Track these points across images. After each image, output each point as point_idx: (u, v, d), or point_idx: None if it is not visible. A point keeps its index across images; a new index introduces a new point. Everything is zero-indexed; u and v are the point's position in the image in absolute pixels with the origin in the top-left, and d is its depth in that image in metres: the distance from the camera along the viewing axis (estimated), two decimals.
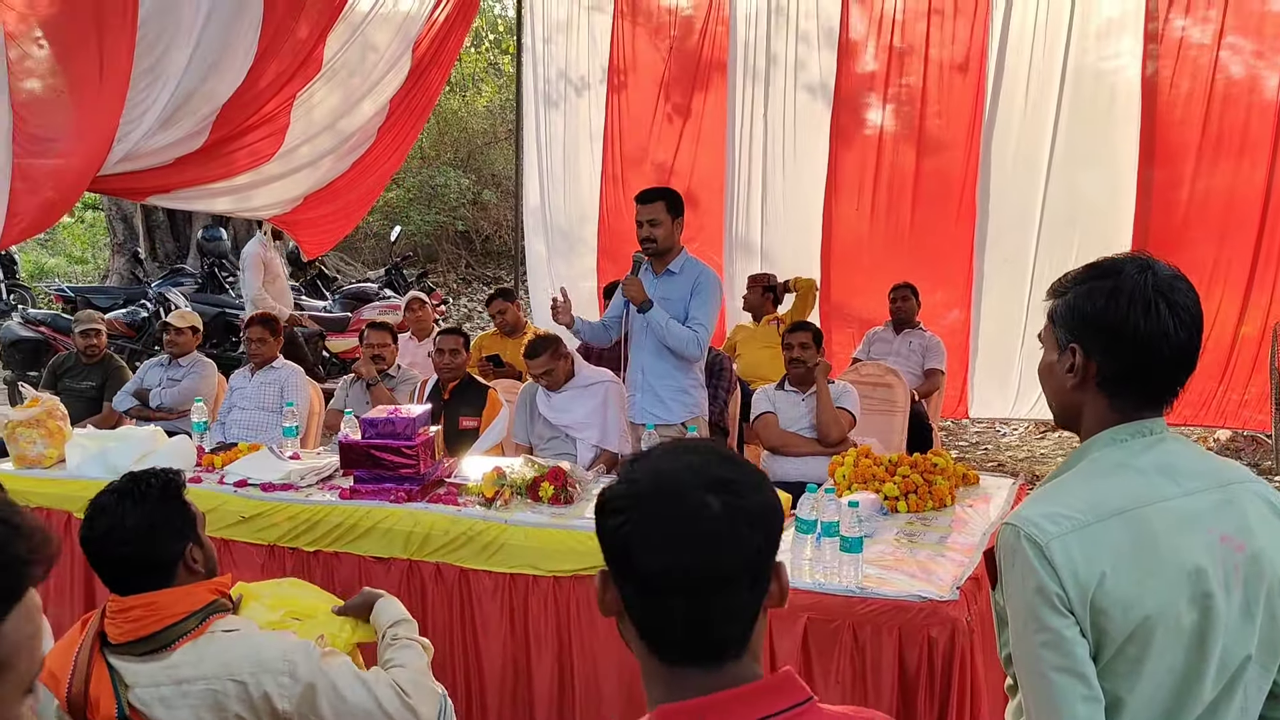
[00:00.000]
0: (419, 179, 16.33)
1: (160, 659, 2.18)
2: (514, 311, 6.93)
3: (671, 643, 1.19)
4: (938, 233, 7.69)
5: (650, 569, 1.16)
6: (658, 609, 1.17)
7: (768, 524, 1.19)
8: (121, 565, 2.22)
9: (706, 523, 1.15)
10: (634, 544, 1.16)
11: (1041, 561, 1.54)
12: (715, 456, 1.22)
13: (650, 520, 1.17)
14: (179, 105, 5.23)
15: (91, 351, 6.45)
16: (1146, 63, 7.00)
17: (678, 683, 1.18)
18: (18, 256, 13.74)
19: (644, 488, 1.20)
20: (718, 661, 1.18)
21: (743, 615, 1.18)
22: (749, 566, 1.17)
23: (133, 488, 2.27)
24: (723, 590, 1.16)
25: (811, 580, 3.05)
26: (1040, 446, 8.04)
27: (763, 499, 1.20)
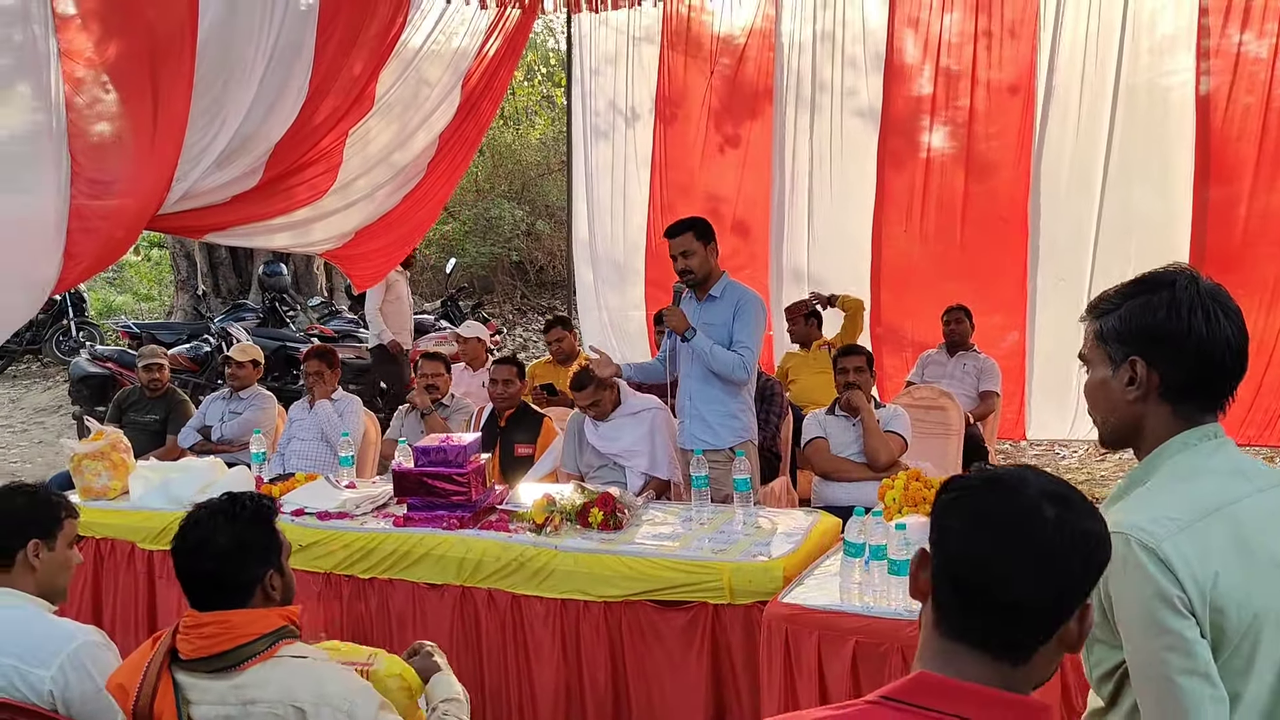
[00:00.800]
0: (474, 211, 16.52)
1: (229, 678, 2.24)
2: (570, 340, 6.99)
3: (954, 611, 1.24)
4: (990, 254, 7.63)
5: (962, 541, 1.23)
6: (958, 579, 1.23)
7: (1089, 552, 1.23)
8: (204, 580, 2.30)
9: (1036, 523, 1.21)
10: (956, 515, 1.25)
11: (1157, 565, 1.53)
12: (1052, 477, 1.28)
13: (979, 500, 1.24)
14: (236, 146, 5.36)
15: (155, 385, 6.60)
16: (1201, 79, 6.91)
17: (948, 657, 1.24)
18: (87, 295, 14.10)
19: (986, 477, 1.27)
20: (995, 654, 1.22)
21: (1026, 625, 1.22)
22: (1054, 583, 1.21)
23: (228, 507, 2.36)
24: (1021, 589, 1.20)
25: (860, 603, 3.04)
26: (1100, 469, 7.92)
27: (1095, 527, 1.24)
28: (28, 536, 2.61)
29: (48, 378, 12.93)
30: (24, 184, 4.69)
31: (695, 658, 3.52)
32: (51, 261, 4.68)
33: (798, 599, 3.15)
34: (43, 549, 2.63)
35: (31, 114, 4.66)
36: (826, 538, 3.81)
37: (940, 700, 1.20)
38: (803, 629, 3.03)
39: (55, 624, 2.55)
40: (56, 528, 2.67)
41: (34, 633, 2.49)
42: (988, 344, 7.15)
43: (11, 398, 12.27)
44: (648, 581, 3.58)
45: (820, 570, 3.41)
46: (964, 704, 1.19)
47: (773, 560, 3.52)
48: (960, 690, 1.20)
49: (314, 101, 5.67)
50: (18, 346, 13.04)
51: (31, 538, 2.61)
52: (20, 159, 4.67)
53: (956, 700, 1.20)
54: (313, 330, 10.88)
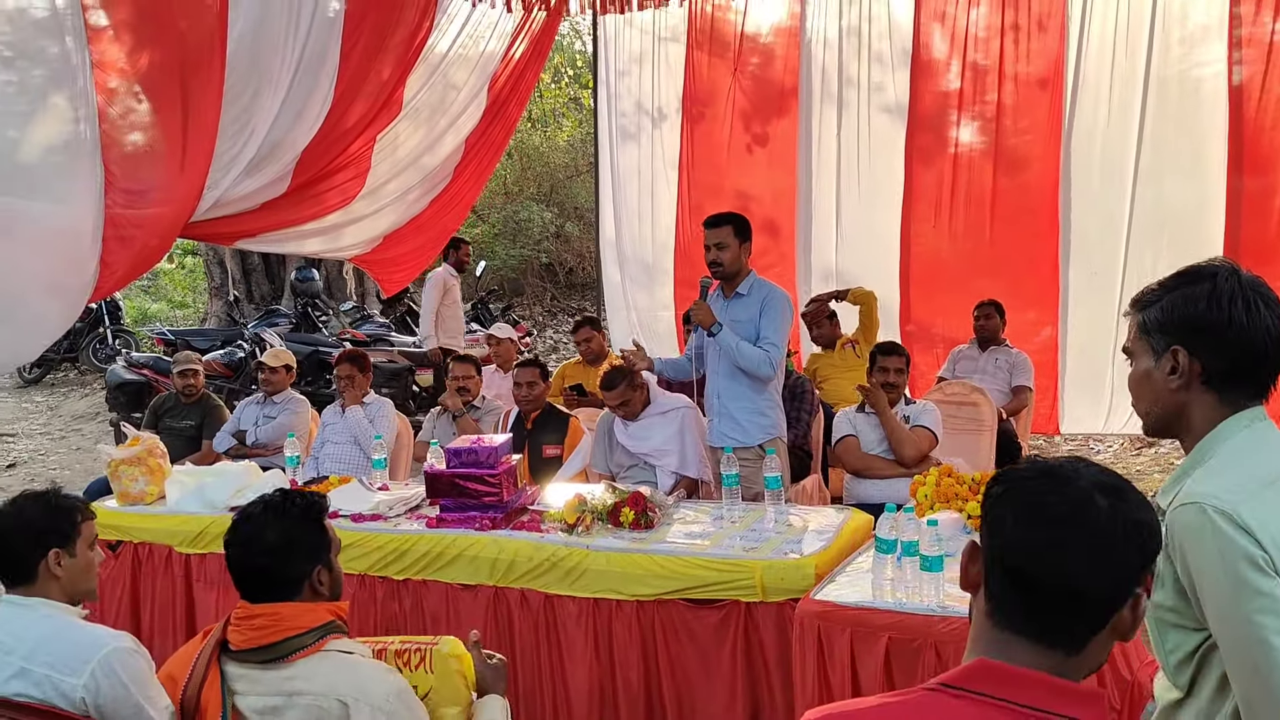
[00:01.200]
0: (503, 214, 16.59)
1: (276, 669, 2.28)
2: (599, 340, 7.00)
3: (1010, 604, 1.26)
4: (1021, 249, 7.58)
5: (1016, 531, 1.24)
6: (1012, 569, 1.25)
7: (1143, 541, 1.25)
8: (254, 574, 2.35)
9: (1090, 514, 1.23)
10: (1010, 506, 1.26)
11: (1237, 529, 1.55)
12: (1103, 469, 1.30)
13: (1033, 492, 1.26)
14: (265, 153, 5.41)
15: (189, 391, 6.67)
16: (1233, 69, 6.83)
17: (1002, 647, 1.26)
18: (122, 303, 14.28)
19: (1038, 469, 1.28)
20: (1050, 643, 1.24)
21: (1083, 615, 1.24)
22: (1110, 573, 1.23)
23: (280, 503, 2.40)
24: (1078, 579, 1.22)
25: (893, 600, 3.03)
26: (1136, 464, 7.86)
27: (1147, 517, 1.26)
28: (47, 547, 2.59)
29: (85, 385, 13.10)
30: (60, 194, 4.76)
31: (728, 656, 3.52)
32: (87, 270, 4.75)
33: (830, 596, 3.14)
34: (64, 557, 2.61)
35: (66, 125, 4.73)
36: (858, 535, 3.80)
37: (998, 687, 1.21)
38: (835, 626, 3.03)
39: (86, 631, 2.56)
40: (74, 533, 2.65)
41: (65, 641, 2.50)
42: (1021, 339, 7.11)
43: (50, 405, 12.44)
44: (680, 580, 3.59)
45: (852, 567, 3.40)
46: (1021, 691, 1.21)
47: (804, 558, 3.52)
48: (1018, 677, 1.22)
49: (340, 107, 5.72)
50: (55, 355, 13.22)
51: (51, 548, 2.59)
52: (56, 169, 4.74)
53: (1014, 687, 1.21)
54: (345, 335, 10.95)
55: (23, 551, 2.58)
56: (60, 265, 4.75)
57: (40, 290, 4.74)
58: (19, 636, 2.51)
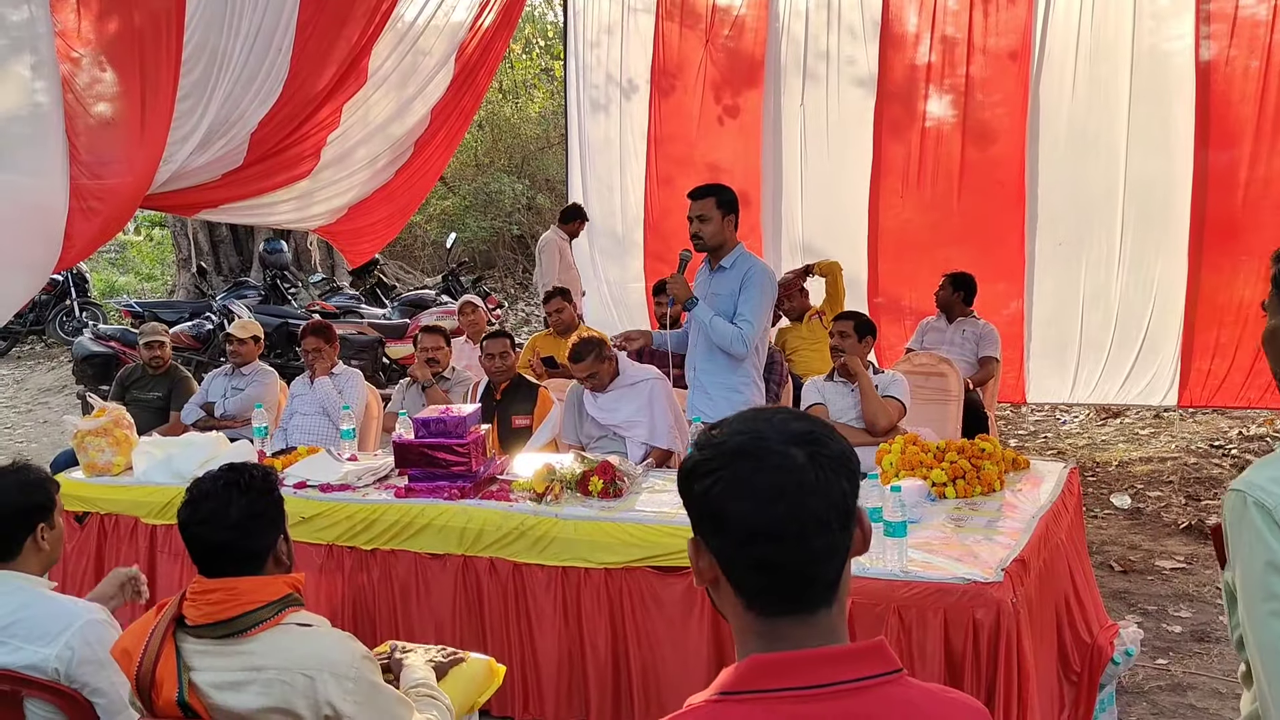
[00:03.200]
0: (474, 186, 16.51)
1: (235, 644, 2.28)
2: (570, 311, 6.99)
3: (770, 592, 1.22)
4: (988, 220, 7.63)
5: (749, 523, 1.20)
6: (757, 561, 1.21)
7: (849, 469, 1.24)
8: (219, 550, 2.33)
9: (795, 472, 1.20)
10: (729, 502, 1.21)
11: (1272, 528, 1.45)
12: (791, 414, 1.28)
13: (741, 477, 1.21)
14: (217, 127, 5.35)
15: (156, 363, 6.62)
16: (1201, 42, 6.89)
17: (773, 636, 1.22)
18: (89, 275, 14.12)
19: (729, 448, 1.23)
20: (811, 610, 1.22)
21: (835, 555, 1.22)
22: (837, 509, 1.21)
23: (238, 478, 2.39)
24: (819, 533, 1.20)
25: (855, 564, 3.06)
26: (1101, 434, 7.95)
27: (842, 447, 1.25)
28: (34, 523, 2.60)
29: (52, 358, 12.97)
30: (24, 165, 4.69)
31: (695, 622, 3.56)
32: (52, 242, 4.69)
33: None
34: (47, 530, 2.63)
35: (30, 95, 4.66)
36: None
37: (778, 679, 1.18)
38: None
39: (58, 603, 2.56)
40: (53, 505, 2.67)
41: (37, 612, 2.51)
42: (990, 311, 7.16)
43: (16, 378, 12.32)
44: (648, 548, 3.61)
45: None
46: (802, 674, 1.18)
47: None
48: (794, 661, 1.19)
49: (299, 78, 5.65)
50: (21, 327, 13.09)
51: (38, 523, 2.61)
52: (20, 139, 4.67)
53: (794, 673, 1.18)
54: (314, 307, 10.89)
55: (12, 530, 2.58)
56: (25, 237, 4.68)
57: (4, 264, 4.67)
58: None
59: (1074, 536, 3.84)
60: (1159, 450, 7.29)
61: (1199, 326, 7.11)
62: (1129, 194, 7.24)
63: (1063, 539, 3.62)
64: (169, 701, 2.27)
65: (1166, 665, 4.23)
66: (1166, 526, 5.86)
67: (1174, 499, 6.25)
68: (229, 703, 2.27)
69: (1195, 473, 6.65)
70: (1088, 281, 7.39)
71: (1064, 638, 3.54)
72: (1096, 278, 7.40)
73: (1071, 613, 3.61)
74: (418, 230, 16.22)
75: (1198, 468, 6.74)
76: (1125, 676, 3.99)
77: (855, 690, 1.18)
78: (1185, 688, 4.04)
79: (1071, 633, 3.58)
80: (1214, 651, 4.34)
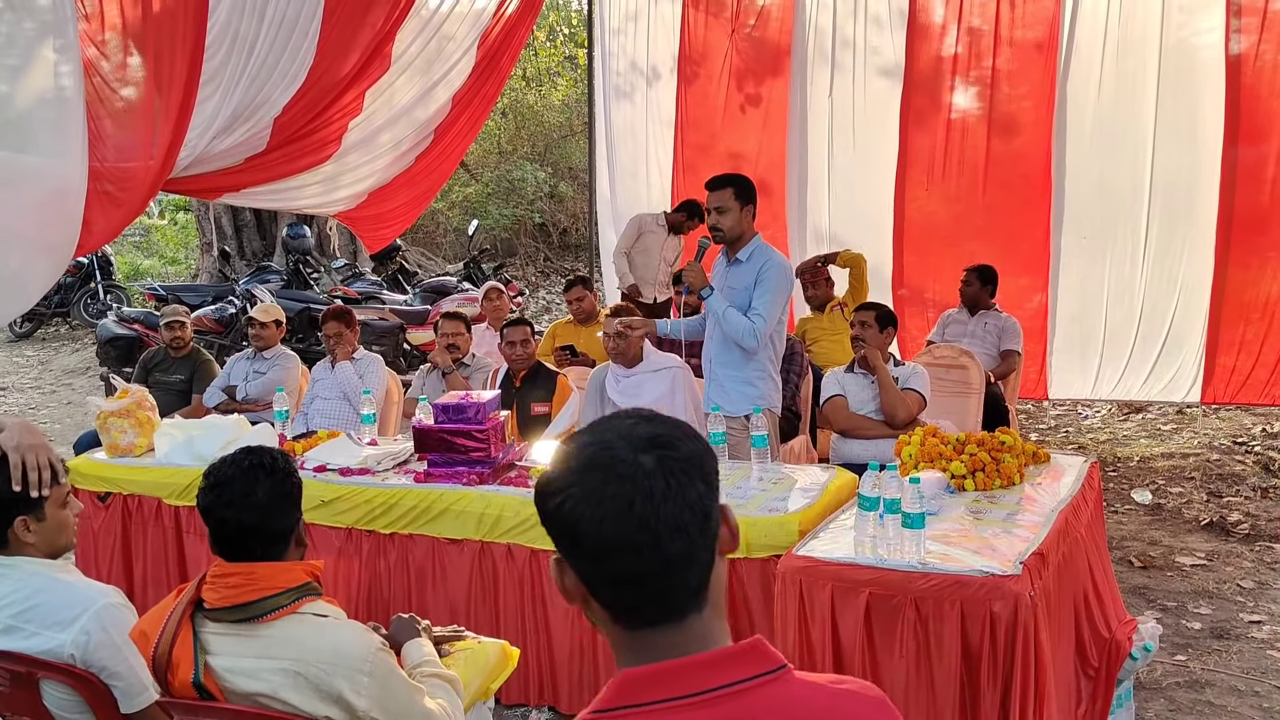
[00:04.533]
0: (496, 173, 16.52)
1: (251, 629, 2.30)
2: (591, 300, 6.99)
3: (637, 607, 1.19)
4: (1014, 213, 7.59)
5: (601, 538, 1.16)
6: (618, 576, 1.18)
7: (703, 469, 1.20)
8: (247, 532, 2.35)
9: (645, 480, 1.16)
10: (580, 518, 1.17)
11: None
12: (639, 418, 1.24)
13: (591, 491, 1.17)
14: (240, 112, 5.37)
15: (177, 344, 6.67)
16: (1231, 37, 6.82)
17: (644, 648, 1.18)
18: (114, 258, 14.23)
19: (577, 463, 1.20)
20: (680, 618, 1.19)
21: (696, 561, 1.19)
22: (694, 512, 1.18)
23: (260, 461, 2.40)
24: (675, 540, 1.16)
25: (874, 556, 3.06)
26: (1123, 429, 7.90)
27: (693, 447, 1.21)
28: (12, 517, 2.48)
29: (75, 340, 13.08)
30: (48, 148, 4.73)
31: None
32: (72, 226, 4.73)
33: (812, 552, 3.17)
34: (31, 523, 2.50)
35: (55, 78, 4.69)
36: (843, 493, 3.83)
37: (649, 692, 1.15)
38: (816, 580, 3.05)
39: (74, 587, 2.54)
40: (39, 500, 2.51)
41: (53, 600, 2.49)
42: (1013, 305, 7.12)
43: (40, 360, 12.43)
44: None
45: (835, 524, 3.42)
46: (674, 684, 1.15)
47: (789, 514, 3.55)
48: (665, 672, 1.16)
49: (324, 64, 5.67)
50: (46, 310, 13.20)
51: (16, 516, 2.49)
52: (46, 124, 4.71)
53: (666, 684, 1.15)
54: (336, 292, 10.94)
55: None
56: (49, 222, 4.72)
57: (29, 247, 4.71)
58: (0, 601, 2.51)
59: (1094, 531, 3.81)
60: (1181, 446, 7.24)
61: (1224, 323, 7.05)
62: (1155, 188, 7.18)
63: (1082, 533, 3.60)
64: (185, 683, 2.29)
65: (1185, 662, 4.21)
66: (1187, 523, 5.82)
67: (1195, 495, 6.21)
68: (243, 686, 2.29)
69: (1217, 469, 6.60)
70: (1112, 276, 7.34)
71: (1082, 632, 3.52)
72: (1121, 273, 7.34)
73: (1090, 607, 3.59)
74: (440, 217, 16.25)
75: (1220, 464, 6.69)
76: (1143, 672, 3.97)
77: (734, 694, 1.15)
78: (1203, 685, 4.02)
79: (1090, 627, 3.56)
80: (1233, 649, 4.31)
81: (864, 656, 2.97)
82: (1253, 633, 4.46)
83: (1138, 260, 7.29)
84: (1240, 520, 5.72)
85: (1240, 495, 6.17)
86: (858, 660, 2.97)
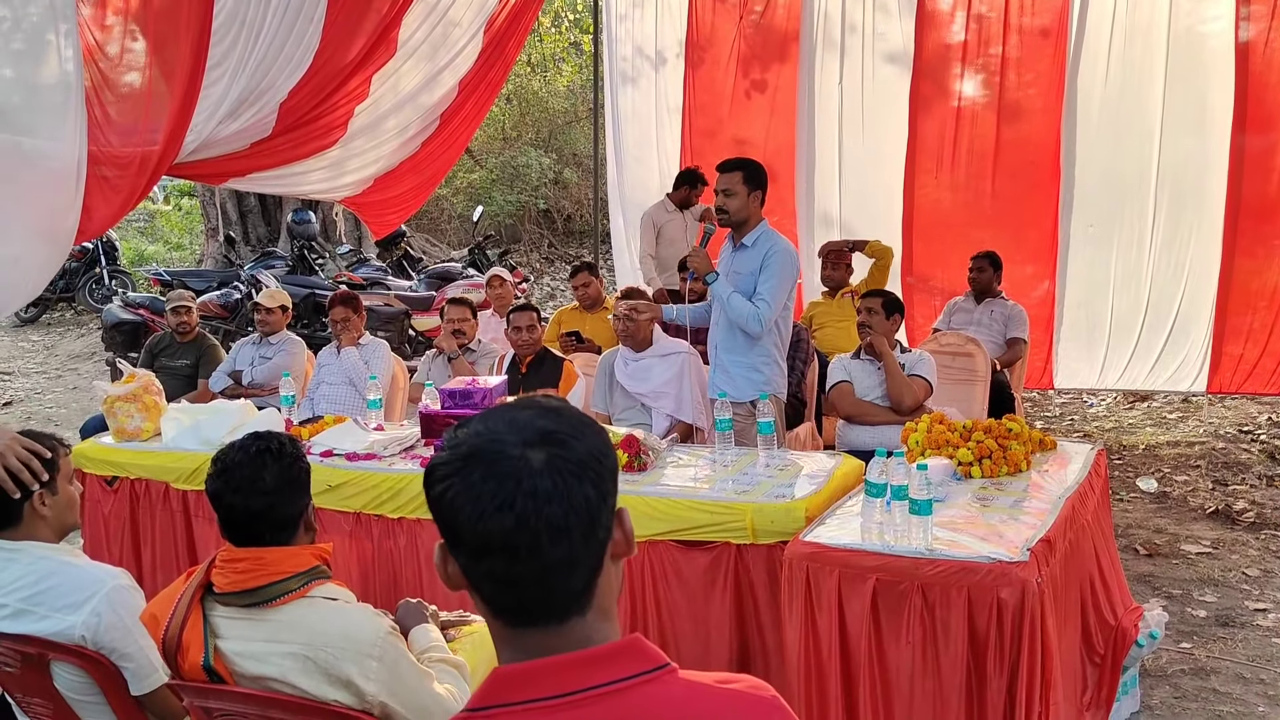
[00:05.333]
0: (501, 160, 16.50)
1: (261, 614, 2.30)
2: (597, 286, 6.98)
3: (512, 605, 1.16)
4: (1021, 202, 7.57)
5: (478, 533, 1.12)
6: (493, 572, 1.14)
7: (595, 471, 1.16)
8: (256, 518, 2.35)
9: (529, 479, 1.12)
10: (459, 510, 1.13)
11: None
12: (539, 410, 1.19)
13: (472, 484, 1.13)
14: (246, 97, 5.37)
15: (183, 329, 6.68)
16: (1240, 24, 6.79)
17: (523, 646, 1.16)
18: (118, 244, 14.22)
19: (465, 451, 1.15)
20: (561, 620, 1.16)
21: (579, 565, 1.15)
22: (579, 515, 1.13)
23: (268, 446, 2.40)
24: (557, 543, 1.13)
25: (880, 542, 3.06)
26: (1128, 417, 7.90)
27: (589, 446, 1.17)
28: (30, 490, 2.54)
29: (81, 325, 13.09)
30: (51, 133, 4.73)
31: (718, 596, 3.56)
32: (73, 212, 4.73)
33: (819, 538, 3.17)
34: (47, 496, 2.57)
35: (58, 63, 4.69)
36: (849, 480, 3.83)
37: (522, 690, 1.12)
38: (823, 567, 3.06)
39: (83, 570, 2.56)
40: (55, 471, 2.60)
41: (62, 583, 2.51)
42: (1019, 293, 7.11)
43: (46, 344, 12.44)
44: (671, 522, 3.62)
45: (842, 511, 3.43)
46: (548, 683, 1.12)
47: (795, 501, 3.55)
48: (540, 670, 1.13)
49: (330, 48, 5.66)
50: (51, 294, 13.20)
51: (35, 489, 2.55)
52: (51, 108, 4.71)
53: (540, 682, 1.12)
54: (341, 278, 10.94)
55: (7, 495, 2.54)
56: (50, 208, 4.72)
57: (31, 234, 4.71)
58: (9, 587, 2.52)
59: (1100, 518, 3.81)
60: (1186, 434, 7.24)
61: (1231, 312, 7.04)
62: (1163, 177, 7.16)
63: (1089, 520, 3.60)
64: (194, 666, 2.30)
65: (1190, 649, 4.21)
66: (1193, 511, 5.82)
67: (1201, 484, 6.21)
68: (252, 670, 2.30)
69: (1223, 457, 6.60)
70: (1119, 264, 7.33)
71: (1088, 619, 3.53)
72: (1128, 261, 7.32)
73: (1096, 594, 3.59)
74: (444, 203, 16.24)
75: (1225, 453, 6.69)
76: (1148, 659, 3.98)
77: (609, 694, 1.11)
78: (1209, 672, 4.02)
79: (1096, 614, 3.57)
80: (1238, 637, 4.32)
81: (870, 643, 2.98)
82: (1258, 620, 4.47)
83: (1144, 248, 7.27)
84: (1246, 508, 5.72)
85: (1246, 484, 6.17)
86: (864, 647, 2.98)
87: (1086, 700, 3.43)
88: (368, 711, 2.26)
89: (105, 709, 2.53)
